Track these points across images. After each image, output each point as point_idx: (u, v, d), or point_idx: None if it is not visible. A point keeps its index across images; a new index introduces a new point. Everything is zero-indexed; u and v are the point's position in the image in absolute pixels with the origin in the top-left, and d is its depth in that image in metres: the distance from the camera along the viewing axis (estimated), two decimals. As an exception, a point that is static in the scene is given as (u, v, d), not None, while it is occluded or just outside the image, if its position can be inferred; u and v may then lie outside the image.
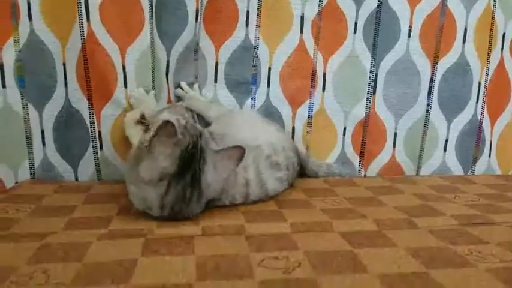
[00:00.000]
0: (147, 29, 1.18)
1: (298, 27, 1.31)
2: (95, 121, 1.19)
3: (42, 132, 1.21)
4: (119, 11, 1.15)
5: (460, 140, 1.44)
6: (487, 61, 1.42)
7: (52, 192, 1.09)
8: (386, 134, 1.41)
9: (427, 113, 1.40)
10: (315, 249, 0.77)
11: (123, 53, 1.17)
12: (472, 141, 1.45)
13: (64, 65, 1.18)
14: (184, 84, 1.31)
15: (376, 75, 1.38)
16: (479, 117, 1.44)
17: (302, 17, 1.30)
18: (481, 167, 1.47)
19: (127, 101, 1.18)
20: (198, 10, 1.24)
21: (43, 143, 1.21)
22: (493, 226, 0.93)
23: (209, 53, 1.30)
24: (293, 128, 1.36)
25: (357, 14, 1.34)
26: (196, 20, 1.25)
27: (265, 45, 1.31)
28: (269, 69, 1.32)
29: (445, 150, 1.44)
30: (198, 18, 1.25)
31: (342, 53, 1.36)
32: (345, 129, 1.40)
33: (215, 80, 1.32)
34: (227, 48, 1.30)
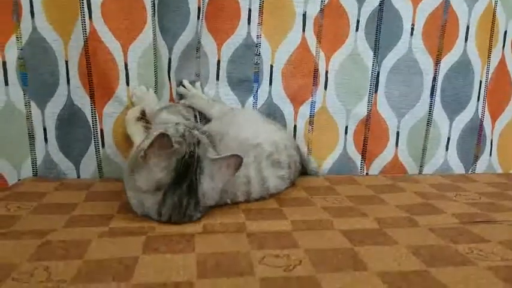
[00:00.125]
0: (149, 26, 1.17)
1: (301, 25, 1.30)
2: (97, 119, 1.19)
3: (44, 129, 1.21)
4: (121, 8, 1.14)
5: (462, 138, 1.44)
6: (488, 59, 1.41)
7: (53, 189, 1.10)
8: (389, 132, 1.41)
9: (430, 112, 1.40)
10: (316, 247, 0.78)
11: (125, 51, 1.16)
12: (473, 140, 1.45)
13: (66, 62, 1.18)
14: (186, 82, 1.31)
15: (378, 73, 1.37)
16: (480, 116, 1.43)
17: (304, 15, 1.30)
18: (482, 166, 1.47)
19: (129, 99, 1.18)
20: (200, 8, 1.24)
21: (45, 140, 1.22)
22: (494, 224, 0.93)
23: (211, 50, 1.30)
24: (295, 126, 1.36)
25: (359, 12, 1.33)
26: (198, 17, 1.25)
27: (267, 43, 1.30)
28: (271, 67, 1.32)
29: (447, 149, 1.44)
30: (199, 15, 1.25)
31: (344, 51, 1.35)
32: (346, 127, 1.39)
33: (217, 77, 1.32)
34: (229, 46, 1.29)
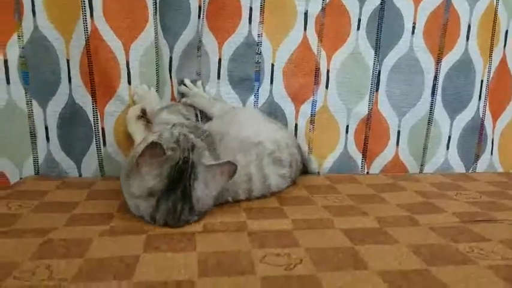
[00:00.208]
0: (150, 25, 1.17)
1: (302, 24, 1.30)
2: (98, 118, 1.19)
3: (46, 128, 1.22)
4: (122, 7, 1.14)
5: (462, 137, 1.44)
6: (490, 59, 1.41)
7: (55, 188, 1.10)
8: (390, 131, 1.41)
9: (431, 111, 1.40)
10: (316, 246, 0.78)
11: (126, 49, 1.16)
12: (474, 139, 1.45)
13: (68, 61, 1.18)
14: (187, 81, 1.31)
15: (379, 72, 1.37)
16: (482, 115, 1.44)
17: (306, 14, 1.30)
18: (482, 165, 1.47)
19: (130, 98, 1.18)
20: (201, 6, 1.24)
21: (47, 139, 1.22)
22: (494, 224, 0.93)
23: (212, 49, 1.30)
24: (296, 125, 1.36)
25: (361, 10, 1.33)
26: (199, 16, 1.25)
27: (269, 41, 1.30)
28: (272, 66, 1.32)
29: (448, 148, 1.44)
30: (200, 14, 1.25)
31: (346, 50, 1.35)
32: (347, 126, 1.40)
33: (218, 76, 1.32)
34: (230, 44, 1.29)
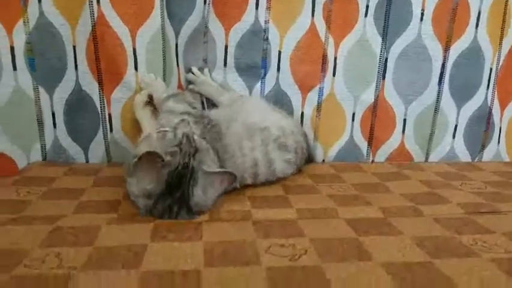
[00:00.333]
0: (157, 11, 1.16)
1: (310, 10, 1.28)
2: (105, 104, 1.19)
3: (53, 114, 1.22)
4: (128, -8, 1.14)
5: (469, 126, 1.43)
6: (499, 46, 1.39)
7: (62, 174, 1.11)
8: (396, 119, 1.40)
9: (438, 99, 1.39)
10: (321, 236, 0.79)
11: (133, 36, 1.16)
12: (481, 128, 1.44)
13: (74, 47, 1.18)
14: (195, 69, 1.31)
15: (386, 59, 1.36)
16: (489, 103, 1.42)
17: (313, 0, 1.28)
18: (489, 154, 1.47)
19: (137, 85, 1.18)
20: (207, -8, 1.23)
21: (54, 125, 1.23)
22: (499, 215, 0.93)
23: (218, 36, 1.29)
24: (302, 113, 1.35)
25: (369, -4, 1.32)
26: (204, 2, 1.24)
27: (276, 28, 1.29)
28: (279, 52, 1.31)
29: (454, 136, 1.43)
30: (206, 0, 1.24)
31: (353, 37, 1.34)
32: (354, 114, 1.39)
33: (224, 63, 1.31)
34: (237, 31, 1.28)
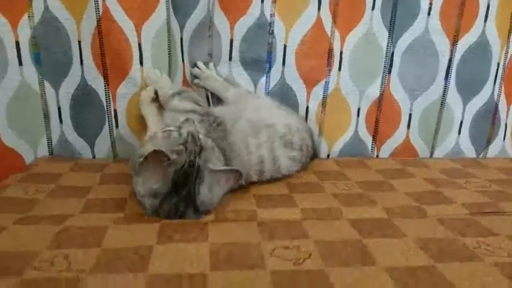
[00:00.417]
0: (162, 5, 1.15)
1: (316, 3, 1.27)
2: (110, 99, 1.19)
3: (59, 109, 1.23)
4: (133, -14, 1.13)
5: (475, 121, 1.43)
6: (508, 40, 1.37)
7: (68, 170, 1.12)
8: (401, 114, 1.40)
9: (444, 95, 1.38)
10: (325, 238, 0.79)
11: (138, 31, 1.15)
12: (486, 123, 1.44)
13: (79, 42, 1.17)
14: (200, 64, 1.30)
15: (392, 54, 1.35)
16: (496, 99, 1.42)
17: (320, -7, 1.27)
18: (494, 150, 1.47)
19: (143, 80, 1.18)
20: (212, -14, 1.22)
21: (60, 120, 1.24)
22: (503, 216, 0.93)
23: (224, 29, 1.28)
24: (307, 107, 1.35)
25: (376, -11, 1.30)
26: (209, -5, 1.23)
27: (281, 22, 1.28)
28: (285, 47, 1.30)
29: (459, 132, 1.43)
30: (211, -6, 1.23)
31: (360, 31, 1.32)
32: (359, 109, 1.39)
33: (230, 57, 1.31)
34: (242, 25, 1.27)
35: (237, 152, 1.01)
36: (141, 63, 1.18)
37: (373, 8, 1.31)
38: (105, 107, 1.20)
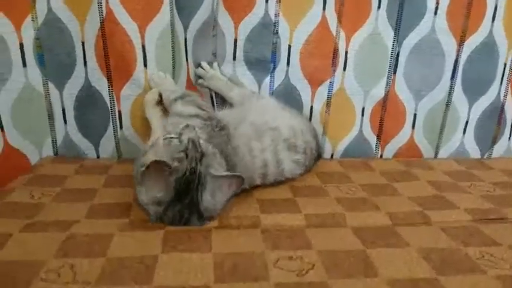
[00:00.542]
0: (166, 6, 1.14)
1: (321, 3, 1.25)
2: (114, 101, 1.19)
3: (63, 110, 1.23)
4: (136, -13, 1.12)
5: (480, 122, 1.42)
6: (515, 40, 1.36)
7: (73, 172, 1.13)
8: (406, 114, 1.39)
9: (450, 95, 1.37)
10: (328, 248, 0.80)
11: (142, 32, 1.15)
12: (492, 123, 1.43)
13: (83, 43, 1.17)
14: (204, 64, 1.30)
15: (398, 53, 1.34)
16: (502, 99, 1.40)
17: (325, -8, 1.25)
18: (499, 150, 1.46)
19: (147, 81, 1.17)
20: (216, -15, 1.21)
21: (65, 121, 1.24)
22: (505, 224, 0.94)
23: (228, 29, 1.27)
24: (311, 107, 1.34)
25: (382, -12, 1.28)
26: (213, -5, 1.22)
27: (286, 22, 1.26)
28: (289, 47, 1.29)
29: (464, 132, 1.42)
30: (216, -7, 1.22)
31: (365, 30, 1.31)
32: (363, 109, 1.38)
33: (234, 57, 1.30)
34: (246, 24, 1.26)
35: (241, 156, 1.01)
36: (145, 65, 1.17)
37: (378, 7, 1.30)
38: (109, 108, 1.20)
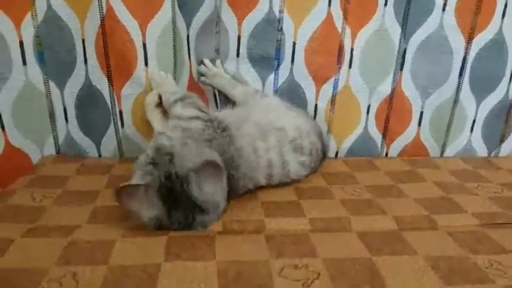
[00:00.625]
0: (168, 3, 1.12)
1: (326, -1, 1.23)
2: (115, 100, 1.18)
3: (64, 109, 1.22)
4: (137, -16, 1.10)
5: (488, 120, 1.39)
6: (524, 37, 1.33)
7: (75, 172, 1.12)
8: (412, 112, 1.37)
9: (457, 93, 1.35)
10: (334, 256, 0.78)
11: (143, 29, 1.12)
12: (500, 122, 1.40)
13: (83, 41, 1.15)
14: (207, 61, 1.28)
15: (405, 50, 1.31)
16: (510, 97, 1.38)
17: (331, -12, 1.22)
18: (506, 148, 1.43)
19: (147, 80, 1.15)
20: (219, -19, 1.18)
21: (66, 120, 1.23)
22: (513, 229, 0.92)
23: (231, 26, 1.25)
24: (316, 105, 1.32)
25: (389, -16, 1.25)
26: (216, -9, 1.19)
27: (290, 18, 1.24)
28: (294, 43, 1.26)
29: (472, 130, 1.40)
30: (219, -11, 1.19)
31: (371, 27, 1.28)
32: (369, 106, 1.36)
33: (237, 54, 1.28)
34: (250, 21, 1.24)
35: (246, 157, 0.99)
36: (146, 64, 1.15)
37: (385, 3, 1.26)
38: (110, 107, 1.19)
